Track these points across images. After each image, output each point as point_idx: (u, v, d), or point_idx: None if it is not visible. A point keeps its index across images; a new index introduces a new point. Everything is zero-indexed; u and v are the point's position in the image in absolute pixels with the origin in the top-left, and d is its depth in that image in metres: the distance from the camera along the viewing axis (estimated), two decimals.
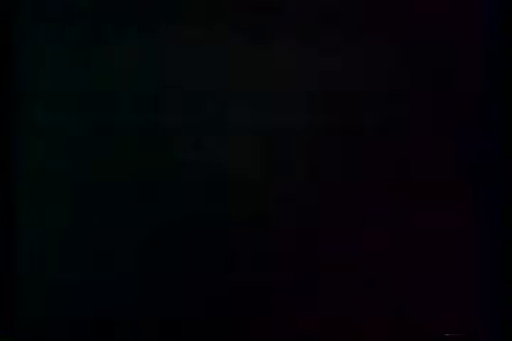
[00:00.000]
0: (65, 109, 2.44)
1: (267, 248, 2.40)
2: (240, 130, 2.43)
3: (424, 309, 2.40)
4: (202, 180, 2.42)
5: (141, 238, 2.41)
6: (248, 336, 2.39)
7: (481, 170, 2.41)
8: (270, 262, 2.40)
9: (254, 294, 2.40)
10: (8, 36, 2.45)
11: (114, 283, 2.41)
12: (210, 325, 2.40)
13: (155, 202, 2.42)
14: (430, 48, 2.43)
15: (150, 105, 2.43)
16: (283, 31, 2.43)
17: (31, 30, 2.44)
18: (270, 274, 2.40)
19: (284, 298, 2.40)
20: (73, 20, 2.44)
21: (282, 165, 2.42)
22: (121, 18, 2.44)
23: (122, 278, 2.41)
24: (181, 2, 2.45)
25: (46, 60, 2.44)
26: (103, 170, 2.43)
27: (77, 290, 2.41)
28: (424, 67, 2.42)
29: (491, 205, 2.41)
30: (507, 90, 2.42)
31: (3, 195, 2.43)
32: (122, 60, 2.44)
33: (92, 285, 2.41)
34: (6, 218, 2.42)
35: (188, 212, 2.41)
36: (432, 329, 2.39)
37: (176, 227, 2.41)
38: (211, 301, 2.40)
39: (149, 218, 2.42)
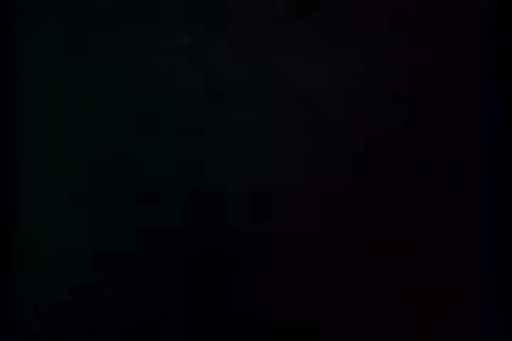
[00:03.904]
0: (65, 109, 2.44)
1: (267, 248, 2.41)
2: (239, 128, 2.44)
3: (423, 309, 2.40)
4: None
5: (143, 238, 2.42)
6: (249, 334, 2.40)
7: (482, 169, 2.41)
8: (271, 263, 2.41)
9: (256, 293, 2.40)
10: (8, 37, 2.46)
11: (116, 283, 2.41)
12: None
13: (157, 203, 2.42)
14: (430, 47, 2.43)
15: (152, 107, 2.44)
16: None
17: (31, 32, 2.45)
18: (272, 274, 2.41)
19: (284, 297, 2.40)
20: (73, 23, 2.45)
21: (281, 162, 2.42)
22: (123, 20, 2.45)
23: (124, 278, 2.41)
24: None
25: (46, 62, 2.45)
26: (104, 169, 2.43)
27: (77, 291, 2.42)
28: (424, 65, 2.42)
29: (491, 204, 2.40)
30: (508, 89, 2.42)
31: (3, 195, 2.44)
32: (122, 61, 2.45)
33: (94, 286, 2.42)
34: (5, 218, 2.43)
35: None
36: (432, 329, 2.39)
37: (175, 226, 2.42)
38: (215, 301, 2.41)
39: (151, 219, 2.42)
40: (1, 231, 2.42)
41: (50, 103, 2.44)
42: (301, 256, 2.38)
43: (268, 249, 2.39)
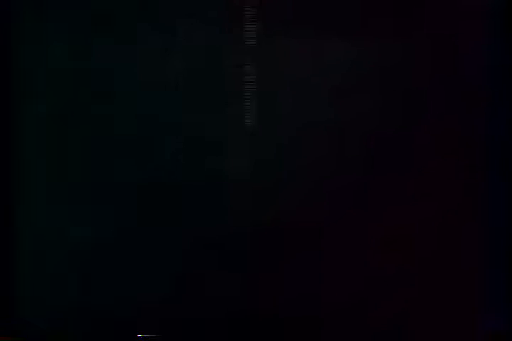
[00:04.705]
0: (65, 108, 2.45)
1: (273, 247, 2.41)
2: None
3: (424, 308, 2.40)
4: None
5: (143, 237, 2.42)
6: (250, 330, 2.40)
7: (486, 169, 2.42)
8: (273, 262, 2.41)
9: (259, 290, 2.40)
10: (8, 36, 2.47)
11: (116, 283, 2.41)
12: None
13: (155, 202, 2.43)
14: (432, 47, 2.44)
15: (153, 106, 2.44)
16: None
17: (31, 30, 2.46)
18: (277, 273, 2.41)
19: (288, 293, 2.40)
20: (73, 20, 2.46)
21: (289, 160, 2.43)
22: (123, 18, 2.46)
23: (124, 278, 2.41)
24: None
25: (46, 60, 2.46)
26: (103, 170, 2.44)
27: (78, 291, 2.41)
28: (429, 65, 2.44)
29: (497, 204, 2.42)
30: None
31: (3, 194, 2.45)
32: (123, 60, 2.45)
33: (94, 286, 2.41)
34: (5, 218, 2.44)
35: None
36: (432, 330, 2.39)
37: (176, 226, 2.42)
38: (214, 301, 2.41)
39: (149, 217, 2.42)
40: (1, 231, 2.44)
41: (51, 101, 2.46)
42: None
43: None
